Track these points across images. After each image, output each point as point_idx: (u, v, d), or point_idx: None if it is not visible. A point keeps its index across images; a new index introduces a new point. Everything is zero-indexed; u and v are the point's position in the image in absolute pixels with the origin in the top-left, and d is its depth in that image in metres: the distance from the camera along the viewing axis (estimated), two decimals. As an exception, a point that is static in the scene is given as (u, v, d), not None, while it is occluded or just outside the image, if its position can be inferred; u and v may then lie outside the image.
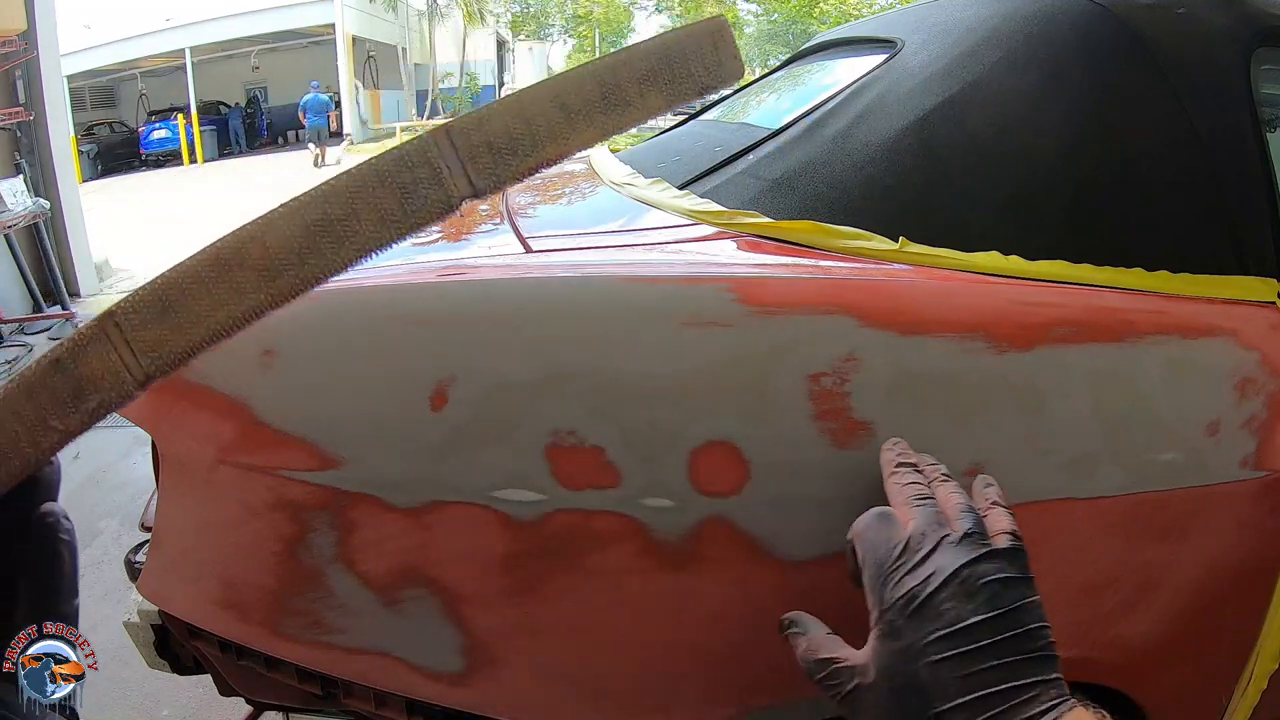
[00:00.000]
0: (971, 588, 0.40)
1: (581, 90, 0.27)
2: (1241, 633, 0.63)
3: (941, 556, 0.41)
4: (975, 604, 0.40)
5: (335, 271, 0.28)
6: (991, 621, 0.39)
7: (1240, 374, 0.58)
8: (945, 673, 0.39)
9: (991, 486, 0.47)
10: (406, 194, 0.27)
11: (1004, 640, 0.39)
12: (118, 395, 0.27)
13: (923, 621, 0.40)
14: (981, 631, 0.39)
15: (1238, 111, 0.64)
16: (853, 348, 0.51)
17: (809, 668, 0.44)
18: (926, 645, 0.40)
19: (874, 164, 0.64)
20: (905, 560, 0.42)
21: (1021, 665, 0.39)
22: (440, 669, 0.52)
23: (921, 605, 0.40)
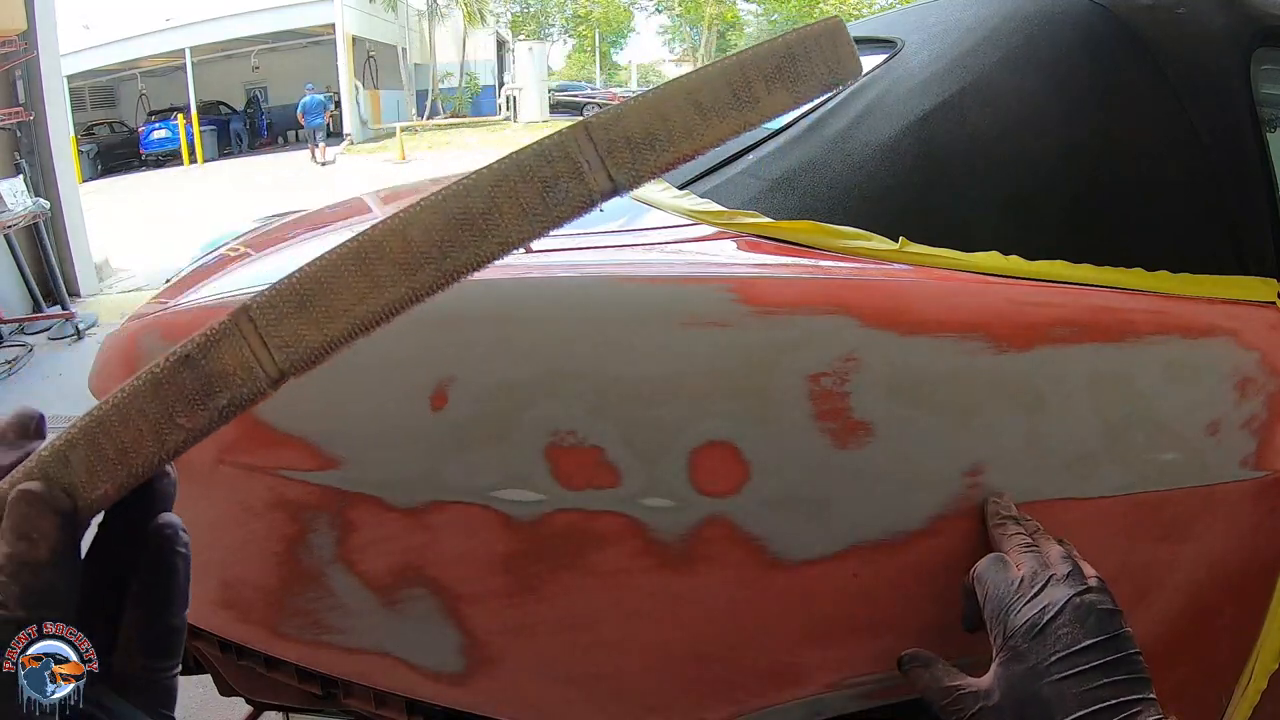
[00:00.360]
0: (1082, 615, 0.46)
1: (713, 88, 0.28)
2: (1241, 633, 0.63)
3: (1053, 591, 0.47)
4: (1087, 630, 0.45)
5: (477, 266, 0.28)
6: (1102, 644, 0.45)
7: (1240, 374, 0.58)
8: (1065, 689, 0.44)
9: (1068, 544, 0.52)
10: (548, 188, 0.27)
11: (1113, 661, 0.44)
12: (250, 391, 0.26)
13: (1044, 644, 0.45)
14: (1094, 653, 0.44)
15: (1238, 111, 0.64)
16: (853, 348, 0.51)
17: (933, 695, 0.48)
18: (1049, 665, 0.45)
19: (874, 164, 0.64)
20: (1023, 594, 0.47)
21: (1128, 684, 0.44)
22: (440, 669, 0.52)
23: (1042, 630, 0.46)
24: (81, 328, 3.45)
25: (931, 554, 0.52)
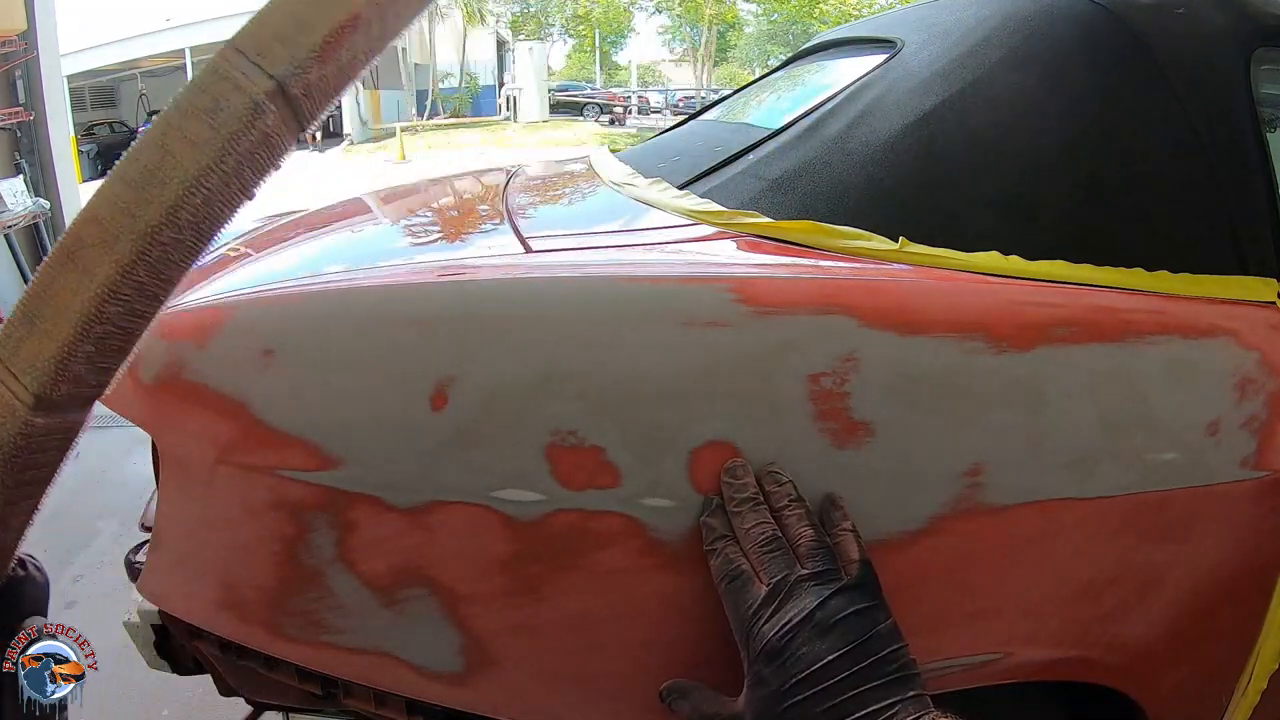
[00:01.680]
0: (824, 627, 0.43)
1: None
2: (1241, 633, 0.63)
3: (795, 603, 0.44)
4: (829, 642, 0.43)
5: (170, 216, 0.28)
6: (845, 656, 0.42)
7: (1240, 374, 0.58)
8: (808, 709, 0.42)
9: (839, 509, 0.49)
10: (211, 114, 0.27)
11: (859, 671, 0.42)
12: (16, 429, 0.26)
13: (783, 667, 0.43)
14: (837, 667, 0.42)
15: (1238, 111, 0.64)
16: (853, 348, 0.51)
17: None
18: (789, 689, 0.42)
19: (874, 164, 0.64)
20: (762, 612, 0.44)
21: (877, 690, 0.42)
22: (440, 669, 0.52)
23: (780, 651, 0.43)
24: (81, 328, 3.45)
25: (931, 554, 0.52)
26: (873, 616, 0.44)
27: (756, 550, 0.46)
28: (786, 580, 0.44)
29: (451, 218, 0.91)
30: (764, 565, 0.45)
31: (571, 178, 1.04)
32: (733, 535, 0.47)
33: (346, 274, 0.62)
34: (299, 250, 0.77)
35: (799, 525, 0.47)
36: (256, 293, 0.57)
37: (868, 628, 0.43)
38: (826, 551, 0.46)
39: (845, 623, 0.43)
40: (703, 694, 0.47)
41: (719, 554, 0.47)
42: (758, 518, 0.47)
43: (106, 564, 1.73)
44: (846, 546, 0.47)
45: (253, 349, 0.51)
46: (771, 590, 0.44)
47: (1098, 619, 0.57)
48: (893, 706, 0.41)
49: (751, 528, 0.46)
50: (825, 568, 0.45)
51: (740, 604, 0.45)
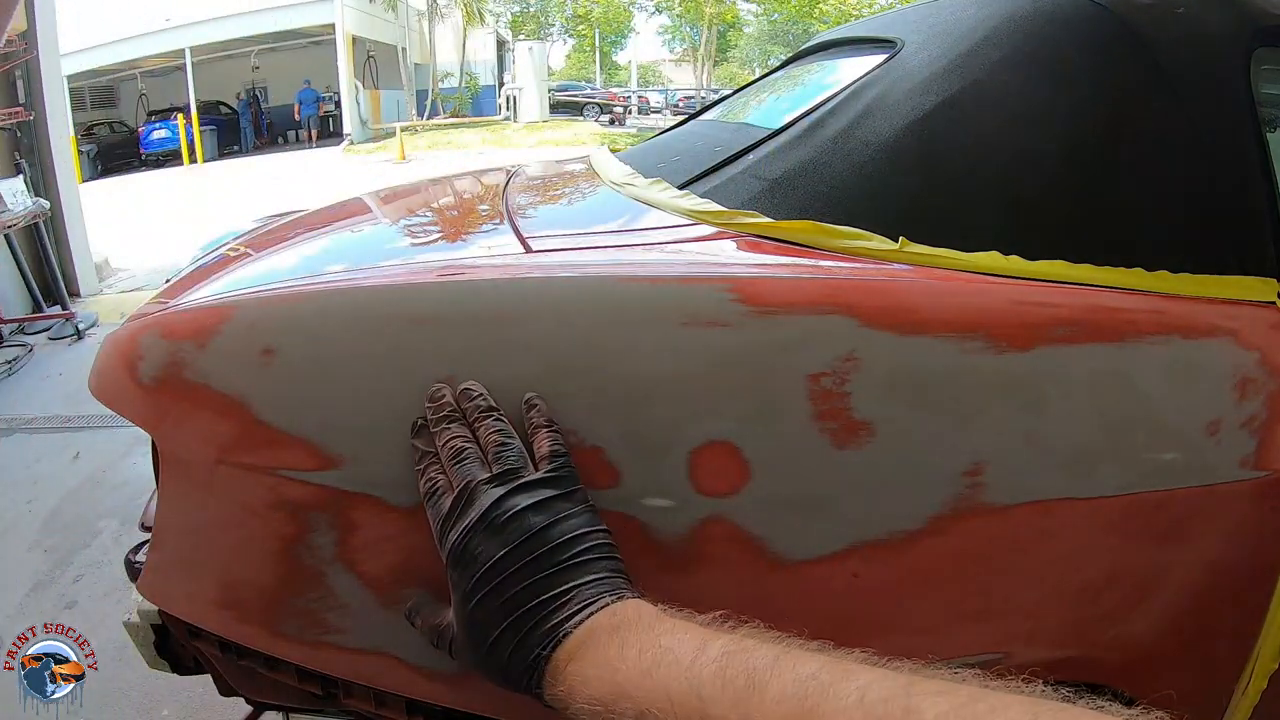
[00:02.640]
0: (498, 524, 0.43)
1: None
2: (1241, 632, 0.63)
3: (475, 505, 0.44)
4: (502, 538, 0.43)
5: None
6: (516, 549, 0.42)
7: (1240, 374, 0.58)
8: (488, 605, 0.42)
9: (535, 408, 0.48)
10: None
11: (530, 561, 0.42)
12: None
13: (465, 568, 0.43)
14: (510, 560, 0.42)
15: (1238, 111, 0.64)
16: (853, 348, 0.51)
17: (428, 636, 0.47)
18: (471, 589, 0.43)
19: (874, 164, 0.64)
20: (449, 520, 0.45)
21: (551, 578, 0.42)
22: (440, 669, 0.52)
23: (461, 554, 0.44)
24: (81, 328, 3.45)
25: (931, 554, 0.52)
26: (553, 507, 0.44)
27: (449, 462, 0.46)
28: (468, 486, 0.45)
29: (451, 218, 0.91)
30: (454, 475, 0.46)
31: (571, 178, 1.04)
32: (435, 453, 0.48)
33: (346, 274, 0.62)
34: (299, 250, 0.77)
35: (488, 432, 0.47)
36: (256, 293, 0.57)
37: (547, 519, 0.43)
38: (513, 452, 0.46)
39: (519, 517, 0.43)
40: (431, 605, 0.48)
41: (423, 475, 0.47)
42: (452, 432, 0.47)
43: (106, 564, 1.73)
44: (539, 443, 0.47)
45: (253, 349, 0.51)
46: (456, 498, 0.45)
47: (1098, 619, 0.57)
48: (567, 593, 0.41)
49: (446, 442, 0.47)
50: (506, 468, 0.45)
51: (435, 519, 0.46)
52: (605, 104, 17.96)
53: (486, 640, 0.42)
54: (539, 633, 0.41)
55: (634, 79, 27.97)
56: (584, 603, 0.41)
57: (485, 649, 0.42)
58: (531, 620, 0.41)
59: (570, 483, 0.46)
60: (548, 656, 0.40)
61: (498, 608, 0.42)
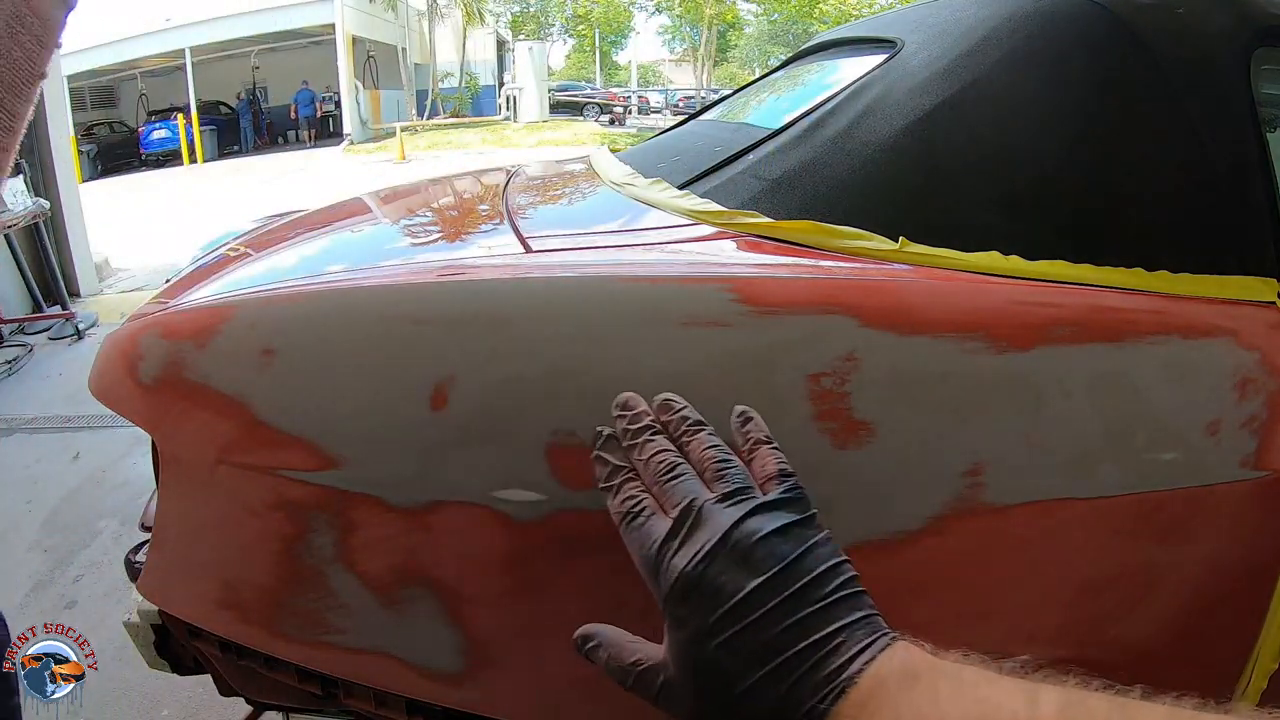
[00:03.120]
0: (743, 552, 0.37)
1: None
2: (1241, 633, 0.63)
3: (706, 529, 0.38)
4: (750, 568, 0.36)
5: None
6: (773, 580, 0.36)
7: (1240, 374, 0.58)
8: (741, 646, 0.35)
9: (750, 421, 0.43)
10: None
11: (789, 597, 0.36)
12: None
13: (702, 603, 0.37)
14: (763, 595, 0.36)
15: (1238, 111, 0.64)
16: (853, 348, 0.51)
17: (617, 675, 0.41)
18: (713, 625, 0.36)
19: (874, 164, 0.64)
20: (669, 544, 0.38)
21: (815, 617, 0.35)
22: (440, 669, 0.52)
23: (696, 585, 0.37)
24: (81, 328, 3.45)
25: (931, 554, 0.52)
26: (799, 534, 0.38)
27: (658, 480, 0.40)
28: (693, 506, 0.39)
29: (451, 218, 0.91)
30: (667, 495, 0.40)
31: (571, 178, 1.04)
32: (630, 469, 0.42)
33: (346, 274, 0.62)
34: (299, 250, 0.77)
35: (702, 448, 0.41)
36: (256, 293, 0.57)
37: (794, 547, 0.37)
38: (738, 470, 0.40)
39: (766, 543, 0.37)
40: (622, 643, 0.41)
41: (617, 491, 0.41)
42: (657, 446, 0.41)
43: (106, 564, 1.73)
44: (763, 461, 0.41)
45: (253, 349, 0.51)
46: (678, 518, 0.39)
47: (1098, 619, 0.57)
48: (838, 634, 0.35)
49: (651, 457, 0.41)
50: (737, 487, 0.39)
51: (645, 542, 0.39)
52: (605, 104, 17.96)
53: (735, 688, 0.35)
54: (813, 681, 0.34)
55: (634, 79, 27.99)
56: (858, 646, 0.35)
57: (733, 699, 0.35)
58: (802, 667, 0.35)
59: (807, 506, 0.40)
60: (827, 711, 0.34)
61: (754, 650, 0.35)
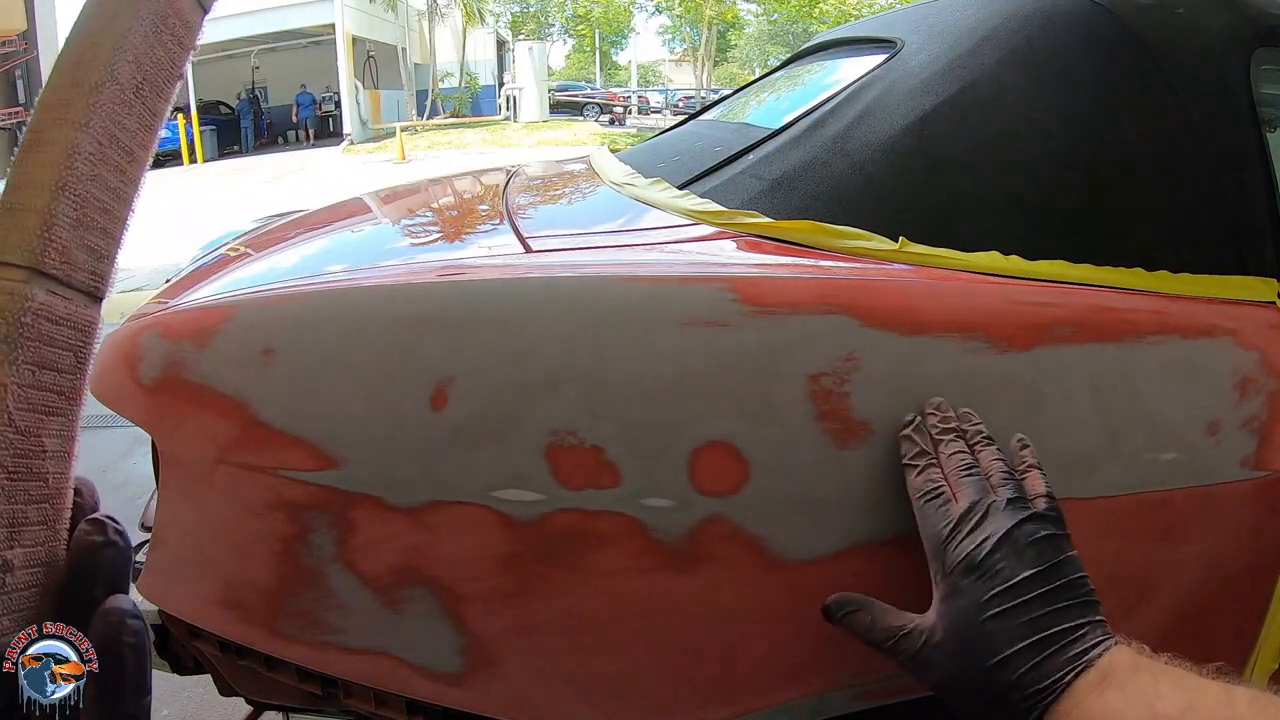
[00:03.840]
0: (1020, 547, 0.45)
1: None
2: (1241, 632, 0.63)
3: (991, 523, 0.46)
4: (1025, 560, 0.45)
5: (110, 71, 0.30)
6: (1041, 574, 0.44)
7: (1240, 374, 0.58)
8: (1007, 621, 0.44)
9: (1027, 448, 0.51)
10: None
11: (1053, 589, 0.44)
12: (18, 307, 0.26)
13: (982, 579, 0.45)
14: (1034, 583, 0.44)
15: (1238, 111, 0.64)
16: (853, 348, 0.51)
17: (877, 636, 0.48)
18: (988, 600, 0.44)
19: (874, 164, 0.64)
20: (960, 529, 0.46)
21: (1071, 610, 0.44)
22: (440, 669, 0.52)
23: (979, 565, 0.45)
24: (81, 328, 3.45)
25: (931, 554, 0.52)
26: (1061, 544, 0.46)
27: (956, 473, 0.48)
28: (982, 502, 0.47)
29: (451, 218, 0.92)
30: (961, 488, 0.48)
31: (571, 178, 1.04)
32: (934, 455, 0.49)
33: (346, 274, 0.62)
34: (299, 250, 0.77)
35: (991, 458, 0.49)
36: (256, 293, 0.57)
37: (1057, 553, 0.46)
38: (1016, 483, 0.48)
39: (1038, 545, 0.45)
40: (882, 607, 0.48)
41: (921, 470, 0.49)
42: (958, 446, 0.50)
43: (106, 564, 1.73)
44: (1033, 481, 0.49)
45: (253, 349, 0.51)
46: (970, 509, 0.47)
47: (1098, 619, 0.57)
48: (1082, 627, 0.44)
49: (952, 454, 0.49)
50: (1017, 495, 0.47)
51: (938, 520, 0.47)
52: (605, 104, 17.96)
53: (996, 654, 0.43)
54: (1064, 657, 0.42)
55: (634, 79, 27.99)
56: (1098, 638, 0.43)
57: (992, 662, 0.43)
58: (1056, 644, 0.43)
59: (1064, 524, 0.47)
60: (1069, 683, 0.42)
61: (1019, 625, 0.43)
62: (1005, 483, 0.48)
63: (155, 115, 0.31)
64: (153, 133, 0.31)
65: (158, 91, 0.31)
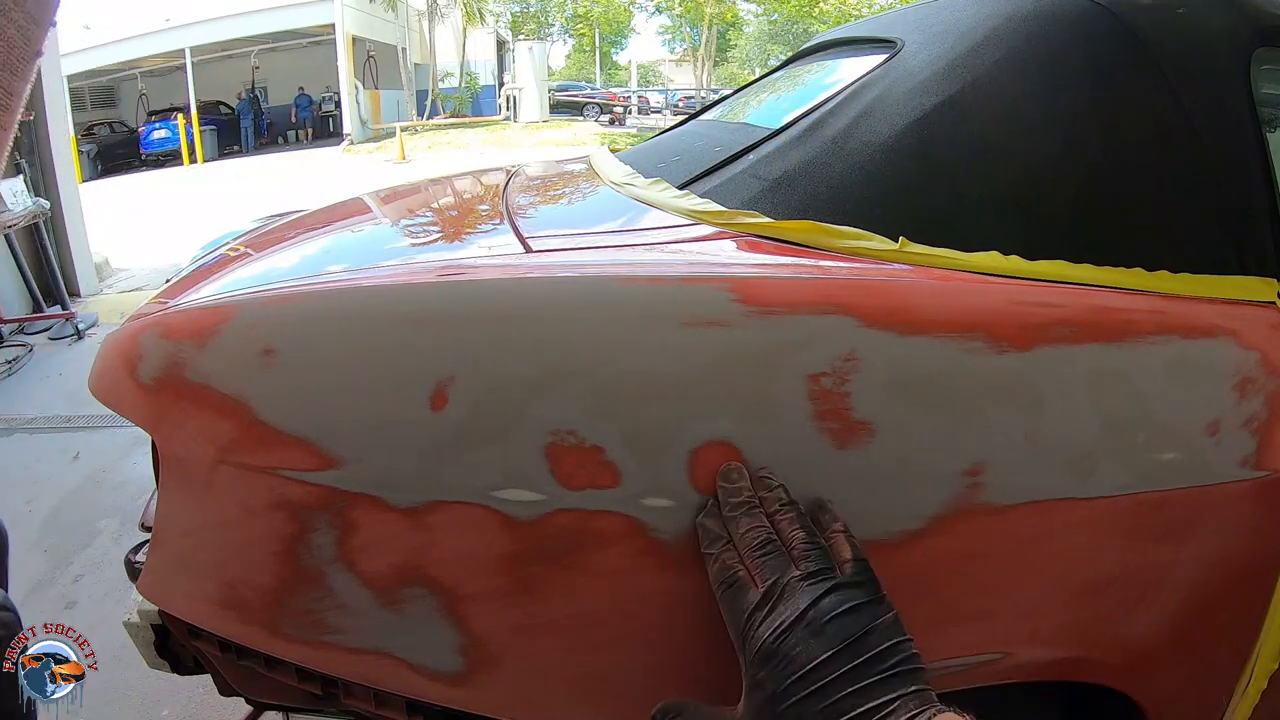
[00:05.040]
0: (818, 627, 0.43)
1: None
2: (1241, 632, 0.63)
3: (789, 602, 0.44)
4: (823, 641, 0.42)
5: None
6: (840, 653, 0.42)
7: (1240, 374, 0.58)
8: (807, 710, 0.41)
9: (828, 513, 0.49)
10: None
11: (855, 667, 0.42)
12: None
13: (778, 668, 0.42)
14: (833, 664, 0.42)
15: (1238, 111, 0.64)
16: (853, 348, 0.51)
17: None
18: (786, 689, 0.42)
19: (874, 164, 0.64)
20: (757, 614, 0.44)
21: (875, 687, 0.41)
22: (440, 669, 0.52)
23: (774, 653, 0.43)
24: (81, 328, 3.45)
25: (931, 554, 0.52)
26: (870, 612, 0.44)
27: (751, 553, 0.46)
28: (779, 582, 0.45)
29: (451, 218, 0.91)
30: (758, 568, 0.46)
31: (571, 178, 1.04)
32: (728, 539, 0.47)
33: (346, 274, 0.62)
34: (298, 250, 0.77)
35: (791, 528, 0.47)
36: (256, 293, 0.57)
37: (863, 624, 0.43)
38: (820, 552, 0.46)
39: (839, 620, 0.43)
40: (698, 710, 0.47)
41: (716, 559, 0.47)
42: (752, 522, 0.47)
43: (106, 564, 1.73)
44: (839, 547, 0.47)
45: (253, 349, 0.51)
46: (766, 592, 0.45)
47: (1098, 619, 0.57)
48: (892, 702, 0.41)
49: (746, 531, 0.47)
50: (819, 568, 0.45)
51: (736, 609, 0.45)
52: (605, 104, 17.96)
53: None
54: None
55: (634, 79, 27.98)
56: (909, 714, 0.41)
57: None
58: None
59: (876, 589, 0.45)
60: None
61: (818, 712, 0.41)
62: (807, 554, 0.45)
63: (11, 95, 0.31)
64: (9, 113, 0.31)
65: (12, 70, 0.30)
